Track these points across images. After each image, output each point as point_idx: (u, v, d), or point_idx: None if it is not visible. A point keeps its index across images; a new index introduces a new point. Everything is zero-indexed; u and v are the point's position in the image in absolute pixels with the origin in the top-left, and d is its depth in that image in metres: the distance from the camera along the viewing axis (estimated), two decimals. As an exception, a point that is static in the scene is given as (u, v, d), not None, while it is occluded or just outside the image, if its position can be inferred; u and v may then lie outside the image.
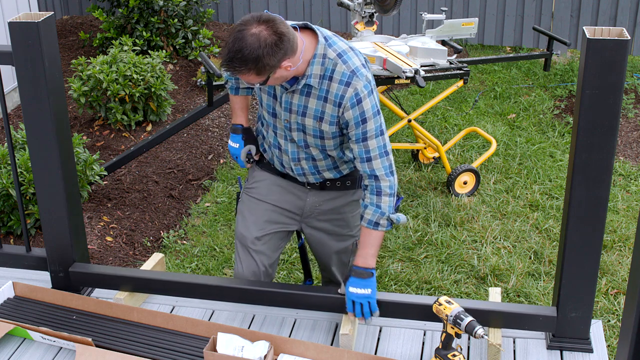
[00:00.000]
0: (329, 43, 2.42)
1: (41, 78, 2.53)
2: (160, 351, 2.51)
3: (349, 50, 2.44)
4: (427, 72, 4.35)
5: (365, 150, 2.46)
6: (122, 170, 4.87)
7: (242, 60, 2.27)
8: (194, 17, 6.45)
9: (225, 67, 2.31)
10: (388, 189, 2.49)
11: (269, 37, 2.26)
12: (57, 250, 2.80)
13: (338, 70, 2.40)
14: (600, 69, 2.19)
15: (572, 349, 2.53)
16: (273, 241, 2.78)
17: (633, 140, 5.52)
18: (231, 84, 2.80)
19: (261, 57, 2.26)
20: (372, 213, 2.50)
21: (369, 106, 2.42)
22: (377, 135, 2.45)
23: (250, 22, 2.28)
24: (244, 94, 2.82)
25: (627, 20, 6.70)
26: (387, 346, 2.61)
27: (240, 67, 2.29)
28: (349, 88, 2.40)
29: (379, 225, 2.50)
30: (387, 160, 2.49)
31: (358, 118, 2.42)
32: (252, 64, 2.27)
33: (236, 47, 2.26)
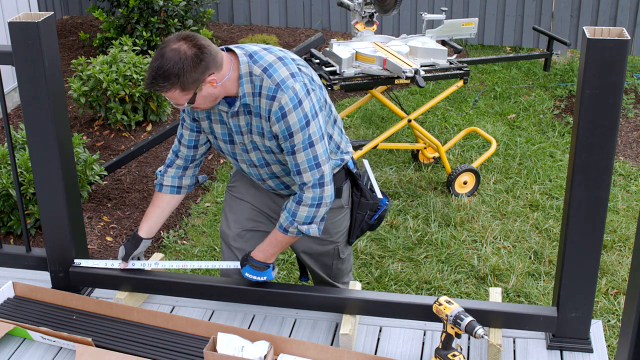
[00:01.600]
0: (254, 60, 2.40)
1: (41, 78, 2.53)
2: (160, 351, 2.51)
3: (277, 61, 2.40)
4: (427, 72, 4.35)
5: (295, 163, 2.44)
6: (122, 170, 4.87)
7: (164, 76, 2.26)
8: (194, 17, 6.45)
9: (149, 87, 2.30)
10: (310, 200, 2.47)
11: (189, 49, 2.26)
12: (57, 250, 2.80)
13: (264, 85, 2.38)
14: (600, 69, 2.19)
15: (572, 349, 2.53)
16: (255, 239, 2.78)
17: (633, 140, 5.52)
18: (158, 179, 2.73)
19: (183, 71, 2.25)
20: (284, 218, 2.52)
21: (295, 120, 2.38)
22: (305, 148, 2.41)
23: (171, 40, 2.29)
24: (167, 191, 2.71)
25: (627, 20, 6.70)
26: (387, 346, 2.61)
27: (163, 84, 2.27)
28: (274, 102, 2.37)
29: (288, 232, 2.53)
30: (318, 172, 2.45)
31: (285, 132, 2.40)
32: (174, 79, 2.26)
33: (157, 64, 2.25)
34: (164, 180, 2.71)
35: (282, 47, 6.90)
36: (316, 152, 2.43)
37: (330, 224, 2.76)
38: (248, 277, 2.64)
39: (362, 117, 5.89)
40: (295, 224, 2.50)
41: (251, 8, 7.60)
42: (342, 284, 2.97)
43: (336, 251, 2.85)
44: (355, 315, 2.65)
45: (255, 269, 2.61)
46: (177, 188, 2.72)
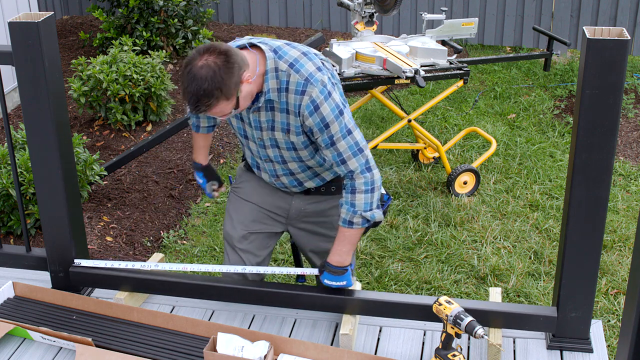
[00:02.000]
0: (279, 55, 2.40)
1: (41, 78, 2.53)
2: (160, 351, 2.51)
3: (302, 56, 2.42)
4: (427, 72, 4.35)
5: (337, 153, 2.45)
6: (122, 170, 4.87)
7: (207, 95, 2.25)
8: (194, 17, 6.45)
9: (195, 110, 2.29)
10: (363, 186, 2.47)
11: (217, 59, 2.25)
12: (57, 250, 2.80)
13: (292, 80, 2.39)
14: (600, 69, 2.19)
15: (572, 349, 2.53)
16: (259, 240, 2.80)
17: (633, 140, 5.52)
18: (193, 121, 2.85)
19: (222, 81, 2.25)
20: (345, 212, 2.50)
21: (328, 110, 2.39)
22: (344, 136, 2.43)
23: (193, 58, 2.27)
24: (204, 132, 2.88)
25: (627, 20, 6.70)
26: (387, 346, 2.61)
27: (209, 102, 2.26)
28: (304, 96, 2.38)
29: (353, 224, 2.51)
30: (363, 157, 2.47)
31: (320, 124, 2.41)
32: (217, 92, 2.26)
33: (194, 86, 2.24)
34: (200, 122, 2.85)
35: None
36: (355, 139, 2.45)
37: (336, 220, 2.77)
38: (327, 284, 2.60)
39: (362, 117, 5.89)
40: (358, 212, 2.48)
41: (251, 8, 7.60)
42: None
43: None
44: (355, 315, 2.65)
45: (333, 274, 2.57)
46: (211, 127, 2.89)
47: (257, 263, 2.81)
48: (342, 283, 2.59)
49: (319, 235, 2.81)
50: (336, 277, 2.58)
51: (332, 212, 2.75)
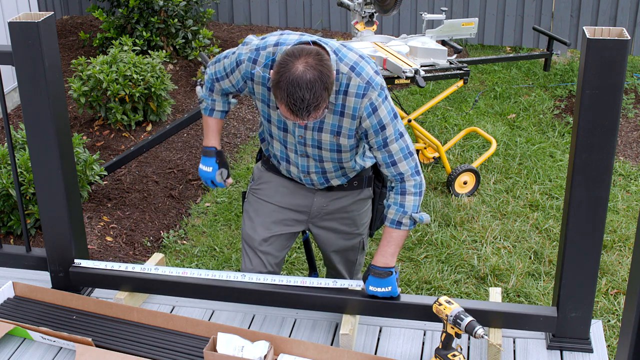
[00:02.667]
0: (339, 57, 2.39)
1: (41, 78, 2.53)
2: (160, 351, 2.51)
3: (361, 59, 2.41)
4: (427, 72, 4.35)
5: (389, 155, 2.46)
6: (122, 170, 4.87)
7: (316, 96, 2.19)
8: (194, 17, 6.45)
9: (304, 115, 2.21)
10: (413, 188, 2.49)
11: (315, 60, 2.20)
12: (57, 250, 2.80)
13: (353, 83, 2.38)
14: (600, 69, 2.19)
15: (572, 349, 2.53)
16: (279, 241, 2.80)
17: (633, 140, 5.52)
18: (206, 104, 2.76)
19: (327, 79, 2.21)
20: (394, 212, 2.50)
21: (385, 113, 2.40)
22: (397, 138, 2.44)
23: (289, 63, 2.19)
24: (218, 116, 2.77)
25: (627, 20, 6.70)
26: (387, 346, 2.61)
27: (317, 103, 2.20)
28: (364, 99, 2.38)
29: (402, 225, 2.51)
30: (412, 160, 2.48)
31: (376, 126, 2.41)
32: (325, 92, 2.21)
33: (303, 91, 2.17)
34: (215, 106, 2.73)
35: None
36: (407, 142, 2.47)
37: (358, 216, 2.80)
38: (372, 291, 2.56)
39: (362, 117, 5.88)
40: (408, 213, 2.49)
41: (251, 8, 7.60)
42: (357, 278, 3.01)
43: (361, 244, 2.89)
44: (355, 315, 2.64)
45: (378, 276, 2.53)
46: (225, 112, 2.77)
47: (276, 263, 2.82)
48: (387, 289, 2.55)
49: (341, 233, 2.82)
50: (381, 280, 2.54)
51: (352, 208, 2.77)
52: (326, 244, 2.86)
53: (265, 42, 2.46)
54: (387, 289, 2.55)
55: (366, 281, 2.58)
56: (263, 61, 2.44)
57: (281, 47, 2.41)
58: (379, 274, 2.53)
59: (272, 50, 2.42)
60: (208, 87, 2.73)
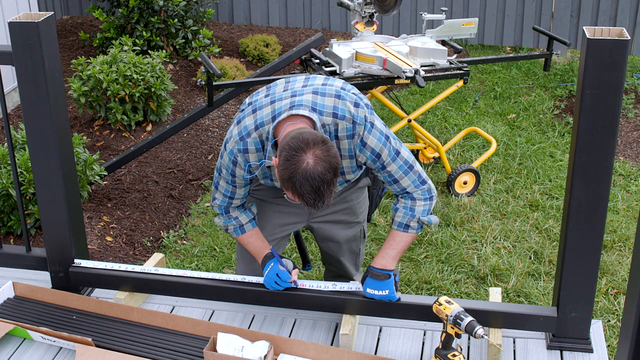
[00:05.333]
0: (318, 111, 2.37)
1: (41, 78, 2.53)
2: (160, 351, 2.51)
3: (337, 101, 2.39)
4: (427, 72, 4.35)
5: (389, 174, 2.48)
6: (122, 170, 4.87)
7: (330, 186, 2.21)
8: (194, 17, 6.45)
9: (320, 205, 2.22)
10: (421, 195, 2.51)
11: (322, 149, 2.20)
12: (57, 250, 2.80)
13: (340, 127, 2.39)
14: (600, 69, 2.19)
15: (572, 349, 2.53)
16: (279, 241, 2.83)
17: (633, 140, 5.52)
18: (233, 227, 2.65)
19: (336, 167, 2.22)
20: (403, 215, 2.51)
21: (375, 141, 2.42)
22: (393, 158, 2.45)
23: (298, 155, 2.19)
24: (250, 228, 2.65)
25: (627, 20, 6.70)
26: (387, 346, 2.61)
27: (330, 192, 2.23)
28: (354, 138, 2.40)
29: (409, 228, 2.52)
30: (414, 174, 2.49)
31: (372, 156, 2.44)
32: (335, 179, 2.23)
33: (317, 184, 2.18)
34: (241, 222, 2.64)
35: (282, 47, 6.91)
36: (405, 158, 2.48)
37: (357, 204, 2.83)
38: (370, 293, 2.57)
39: (362, 117, 5.88)
40: (416, 217, 2.50)
41: (251, 8, 7.60)
42: (359, 273, 3.04)
43: (362, 232, 2.92)
44: (355, 315, 2.64)
45: (375, 278, 2.53)
46: (254, 220, 2.67)
47: None
48: (384, 292, 2.55)
49: (342, 223, 2.84)
50: (378, 282, 2.54)
51: (352, 197, 2.80)
52: (329, 236, 2.87)
53: (244, 126, 2.42)
54: (385, 292, 2.55)
55: (364, 283, 2.58)
56: (254, 148, 2.42)
57: (262, 126, 2.38)
58: (376, 275, 2.53)
59: (256, 135, 2.40)
60: (223, 212, 2.65)
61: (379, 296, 2.56)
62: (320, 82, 2.48)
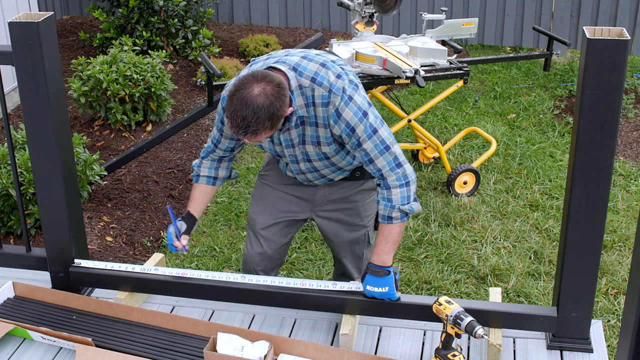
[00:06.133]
0: (299, 72, 2.44)
1: (41, 78, 2.53)
2: (160, 351, 2.51)
3: (321, 68, 2.45)
4: (427, 72, 4.35)
5: (365, 153, 2.48)
6: (122, 170, 4.87)
7: (258, 121, 2.28)
8: (194, 17, 6.46)
9: (241, 133, 2.31)
10: (396, 181, 2.49)
11: (273, 90, 2.29)
12: (57, 250, 2.80)
13: (317, 94, 2.43)
14: (600, 69, 2.19)
15: (572, 349, 2.53)
16: (281, 228, 2.87)
17: (633, 140, 5.52)
18: (194, 172, 2.80)
19: (275, 111, 2.29)
20: (383, 207, 2.51)
21: (351, 114, 2.43)
22: (369, 136, 2.45)
23: (248, 83, 2.29)
24: (204, 182, 2.78)
25: (627, 20, 6.70)
26: (387, 346, 2.61)
27: (257, 129, 2.29)
28: (329, 107, 2.43)
29: (392, 219, 2.51)
30: (390, 154, 2.48)
31: (346, 130, 2.45)
32: (268, 122, 2.30)
33: (249, 112, 2.26)
34: (200, 171, 2.78)
35: (282, 47, 6.91)
36: (382, 137, 2.47)
37: (362, 206, 2.84)
38: (370, 291, 2.56)
39: (362, 117, 5.88)
40: (396, 207, 2.49)
41: (251, 8, 7.60)
42: None
43: (367, 237, 2.91)
44: (355, 315, 2.64)
45: (375, 274, 2.54)
46: (213, 179, 2.78)
47: (276, 249, 2.89)
48: (384, 289, 2.54)
49: (345, 224, 2.85)
50: (378, 279, 2.54)
51: (356, 198, 2.81)
52: (331, 234, 2.89)
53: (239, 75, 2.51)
54: (384, 289, 2.54)
55: (364, 281, 2.58)
56: None
57: None
58: (375, 272, 2.54)
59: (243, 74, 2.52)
60: (203, 157, 2.79)
61: (379, 294, 2.55)
62: (317, 52, 2.55)
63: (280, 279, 2.70)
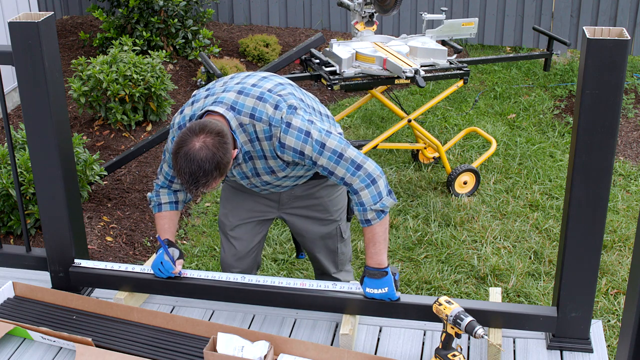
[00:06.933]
0: (237, 110, 2.45)
1: (41, 78, 2.53)
2: (160, 351, 2.51)
3: (257, 102, 2.45)
4: (427, 72, 4.35)
5: (322, 168, 2.48)
6: (122, 170, 4.87)
7: (207, 174, 2.30)
8: (194, 17, 6.46)
9: (191, 189, 2.33)
10: (361, 183, 2.46)
11: (214, 140, 2.30)
12: (57, 250, 2.80)
13: (258, 129, 2.45)
14: (600, 69, 2.19)
15: (572, 349, 2.53)
16: (250, 227, 2.89)
17: (633, 140, 5.52)
18: (154, 202, 2.74)
19: (220, 160, 2.30)
20: (358, 212, 2.51)
21: (294, 140, 2.43)
22: (319, 152, 2.45)
23: (188, 139, 2.30)
24: (167, 209, 2.73)
25: (627, 20, 6.70)
26: (387, 346, 2.60)
27: (207, 181, 2.32)
28: (273, 140, 2.45)
29: (370, 221, 2.50)
30: (345, 161, 2.45)
31: (295, 155, 2.46)
32: (216, 172, 2.31)
33: (194, 167, 2.28)
34: (160, 200, 2.73)
35: (282, 47, 6.91)
36: (332, 148, 2.45)
37: (329, 202, 2.84)
38: (369, 293, 2.57)
39: (362, 117, 5.89)
40: (368, 209, 2.48)
41: (251, 8, 7.60)
42: (345, 272, 3.02)
43: (338, 231, 2.91)
44: (355, 315, 2.64)
45: (372, 277, 2.54)
46: (175, 203, 2.75)
47: (250, 248, 2.91)
48: (383, 291, 2.54)
49: (313, 219, 2.86)
50: (376, 281, 2.54)
51: (322, 194, 2.82)
52: (302, 230, 2.90)
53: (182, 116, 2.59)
54: (384, 290, 2.54)
55: (362, 284, 2.58)
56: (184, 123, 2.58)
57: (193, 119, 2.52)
58: (372, 274, 2.54)
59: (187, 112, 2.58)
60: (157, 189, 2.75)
61: (379, 295, 2.55)
62: (253, 81, 2.54)
63: (280, 279, 2.70)
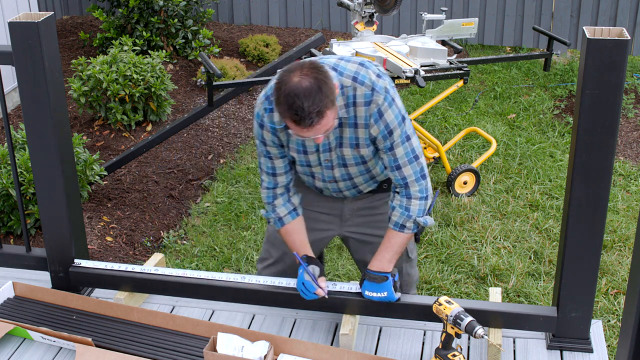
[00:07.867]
0: (339, 72, 2.37)
1: (41, 78, 2.53)
2: (160, 351, 2.51)
3: (361, 67, 2.39)
4: (427, 72, 4.35)
5: (394, 158, 2.44)
6: (122, 170, 4.87)
7: (317, 103, 2.15)
8: (194, 17, 6.46)
9: (308, 123, 2.17)
10: (419, 193, 2.47)
11: (312, 71, 2.18)
12: (57, 250, 2.80)
13: (359, 93, 2.36)
14: (600, 69, 2.19)
15: (572, 349, 2.53)
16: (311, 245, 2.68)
17: (633, 140, 5.52)
18: (272, 219, 2.60)
19: (324, 84, 2.18)
20: (399, 215, 2.48)
21: (392, 117, 2.38)
22: (403, 141, 2.42)
23: (285, 77, 2.18)
24: (288, 221, 2.58)
25: (627, 20, 6.70)
26: (387, 346, 2.60)
27: (318, 109, 2.15)
28: (372, 105, 2.36)
29: (405, 228, 2.49)
30: (418, 164, 2.45)
31: (384, 131, 2.40)
32: (327, 100, 2.17)
33: (302, 100, 2.14)
34: (279, 214, 2.58)
35: (282, 47, 6.91)
36: (413, 145, 2.44)
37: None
38: (368, 295, 2.54)
39: (362, 117, 5.88)
40: (412, 217, 2.46)
41: (251, 8, 7.60)
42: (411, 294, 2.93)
43: (405, 251, 2.77)
44: (355, 315, 2.64)
45: (373, 280, 2.52)
46: (294, 211, 2.60)
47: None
48: (382, 294, 2.53)
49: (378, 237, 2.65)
50: (376, 285, 2.52)
51: (384, 209, 2.67)
52: (365, 252, 2.77)
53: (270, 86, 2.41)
54: (383, 294, 2.53)
55: (362, 286, 2.57)
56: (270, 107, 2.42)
57: None
58: (373, 278, 2.52)
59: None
60: (270, 200, 2.59)
61: (377, 298, 2.55)
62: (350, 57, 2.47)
63: (280, 279, 2.70)
